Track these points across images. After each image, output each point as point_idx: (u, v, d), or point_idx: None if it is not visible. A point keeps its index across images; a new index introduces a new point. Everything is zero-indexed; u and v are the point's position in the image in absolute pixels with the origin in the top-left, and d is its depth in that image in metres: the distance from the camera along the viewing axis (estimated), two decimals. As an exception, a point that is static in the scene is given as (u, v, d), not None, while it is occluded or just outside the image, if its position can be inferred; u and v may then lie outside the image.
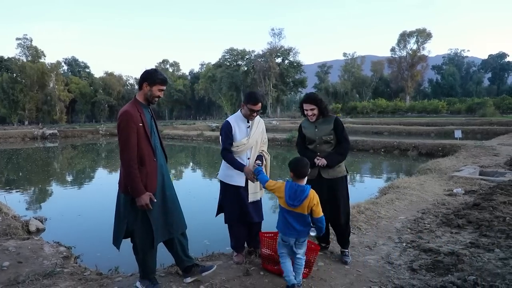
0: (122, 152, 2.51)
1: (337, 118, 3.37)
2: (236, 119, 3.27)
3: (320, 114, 3.29)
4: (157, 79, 2.62)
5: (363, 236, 4.00)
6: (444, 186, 6.46)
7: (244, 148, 3.17)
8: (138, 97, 2.67)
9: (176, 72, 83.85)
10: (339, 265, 3.24)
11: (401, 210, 4.97)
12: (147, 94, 2.65)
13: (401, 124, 30.72)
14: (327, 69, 78.76)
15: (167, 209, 2.73)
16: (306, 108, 3.28)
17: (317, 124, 3.32)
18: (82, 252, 4.05)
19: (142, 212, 2.57)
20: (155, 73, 2.63)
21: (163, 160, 2.81)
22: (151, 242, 2.62)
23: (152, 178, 2.59)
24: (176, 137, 28.12)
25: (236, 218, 3.21)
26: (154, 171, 2.62)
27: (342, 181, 3.32)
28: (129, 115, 2.51)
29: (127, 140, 2.48)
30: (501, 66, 77.24)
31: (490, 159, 9.21)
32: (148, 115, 2.68)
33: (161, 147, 2.80)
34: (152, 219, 2.60)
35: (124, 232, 2.60)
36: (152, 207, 2.56)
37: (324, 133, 3.26)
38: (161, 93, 2.67)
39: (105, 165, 15.12)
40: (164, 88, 2.66)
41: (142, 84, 2.64)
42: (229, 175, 3.20)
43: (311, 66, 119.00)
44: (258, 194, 3.26)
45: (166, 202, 2.74)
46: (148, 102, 2.69)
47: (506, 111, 46.49)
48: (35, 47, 57.91)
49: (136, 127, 2.52)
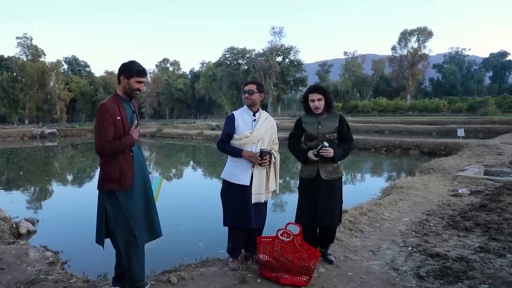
0: (98, 144, 2.38)
1: (342, 115, 3.20)
2: (241, 111, 3.15)
3: (326, 107, 3.10)
4: (134, 71, 2.47)
5: (366, 239, 3.82)
6: (449, 186, 6.27)
7: (247, 142, 2.99)
8: (118, 91, 2.54)
9: (177, 71, 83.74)
10: (342, 271, 3.05)
11: (405, 212, 4.78)
12: (126, 87, 2.50)
13: (402, 123, 30.54)
14: (327, 68, 78.55)
15: (150, 209, 2.60)
16: (313, 98, 3.06)
17: (320, 120, 3.10)
18: (70, 257, 3.84)
19: (122, 210, 2.42)
20: (131, 65, 2.48)
21: (141, 157, 2.66)
22: (135, 243, 2.46)
23: (127, 173, 2.44)
24: (176, 136, 27.94)
25: (237, 220, 3.02)
26: (129, 166, 2.47)
27: (339, 183, 3.16)
28: (106, 108, 2.39)
29: (104, 133, 2.35)
30: (502, 64, 77.00)
31: (494, 159, 9.02)
32: (129, 109, 2.54)
33: (139, 145, 2.67)
34: (133, 217, 2.46)
35: (104, 231, 2.46)
36: None
37: (328, 130, 3.06)
38: (140, 85, 2.51)
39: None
40: (142, 80, 2.51)
41: (119, 77, 2.49)
42: (234, 174, 3.03)
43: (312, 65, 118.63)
44: (263, 196, 3.04)
45: (149, 202, 2.60)
46: (129, 95, 2.55)
47: (507, 109, 46.29)
48: (35, 46, 57.74)
49: (113, 120, 2.39)
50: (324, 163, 3.05)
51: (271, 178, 3.09)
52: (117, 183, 2.41)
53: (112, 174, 2.41)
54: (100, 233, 2.48)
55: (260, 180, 3.01)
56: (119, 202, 2.42)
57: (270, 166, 3.09)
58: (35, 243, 4.09)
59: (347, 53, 74.27)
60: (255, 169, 2.98)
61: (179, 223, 5.62)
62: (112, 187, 2.41)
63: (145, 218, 2.58)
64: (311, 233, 3.24)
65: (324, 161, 3.04)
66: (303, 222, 3.12)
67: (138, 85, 2.49)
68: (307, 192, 3.13)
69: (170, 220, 5.84)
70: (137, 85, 2.49)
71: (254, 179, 2.98)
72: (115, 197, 2.42)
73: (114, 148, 2.38)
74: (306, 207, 3.12)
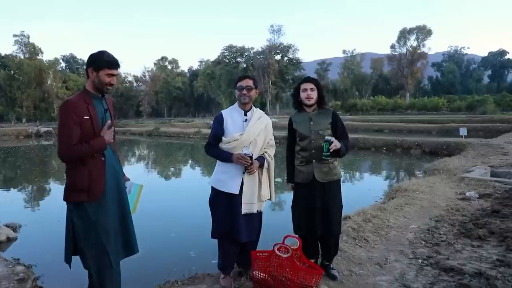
0: (61, 148, 2.04)
1: (335, 111, 2.94)
2: (231, 110, 2.79)
3: (318, 101, 2.85)
4: (103, 63, 2.12)
5: (371, 250, 3.50)
6: (456, 189, 5.96)
7: (237, 145, 2.62)
8: (87, 87, 2.19)
9: (175, 69, 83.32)
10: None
11: (412, 218, 4.46)
12: (95, 82, 2.15)
13: (402, 121, 30.20)
14: (326, 66, 78.12)
15: (125, 222, 2.27)
16: (305, 87, 2.82)
17: (312, 116, 2.85)
18: (46, 271, 3.50)
19: (92, 224, 2.09)
20: (100, 56, 2.14)
21: (116, 163, 2.32)
22: (108, 262, 2.13)
23: (97, 181, 2.11)
24: (173, 135, 27.59)
25: (225, 232, 2.68)
26: (100, 172, 2.14)
27: (337, 186, 2.87)
28: (71, 105, 2.05)
29: (68, 135, 2.02)
30: (501, 63, 76.79)
31: (500, 159, 8.71)
32: (100, 107, 2.20)
33: (114, 148, 2.33)
34: (106, 232, 2.13)
35: (71, 248, 2.13)
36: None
37: (321, 127, 2.80)
38: (111, 79, 2.16)
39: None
40: (114, 72, 2.16)
41: (87, 70, 2.15)
42: (222, 181, 2.67)
43: (311, 63, 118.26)
44: (254, 206, 2.68)
45: (125, 214, 2.27)
46: (100, 91, 2.20)
47: (506, 108, 46.04)
48: (32, 44, 57.26)
49: (80, 120, 2.05)
50: (318, 163, 2.76)
51: (264, 186, 2.73)
52: (85, 193, 2.08)
53: (80, 183, 2.08)
54: (67, 251, 2.15)
55: (251, 188, 2.66)
56: (89, 214, 2.09)
57: (263, 172, 2.74)
58: (10, 254, 3.76)
59: (346, 51, 73.93)
60: (246, 176, 2.64)
61: (171, 229, 5.30)
62: (80, 197, 2.08)
63: (120, 233, 2.25)
64: (311, 243, 2.93)
65: (319, 161, 2.75)
66: (301, 232, 2.81)
67: (109, 79, 2.15)
68: (303, 199, 2.83)
69: (161, 226, 5.55)
70: (108, 79, 2.14)
71: (244, 187, 2.63)
72: (83, 209, 2.09)
73: (81, 152, 2.04)
74: (303, 215, 2.82)
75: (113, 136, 2.27)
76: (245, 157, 2.56)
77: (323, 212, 2.75)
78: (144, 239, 4.66)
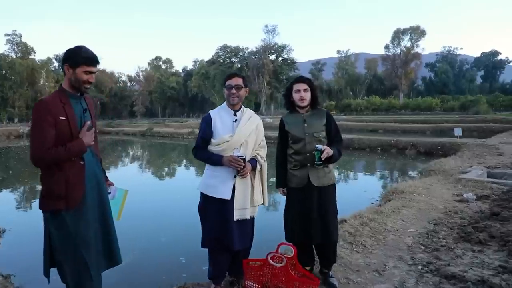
0: (34, 152, 1.86)
1: (329, 112, 2.79)
2: (220, 110, 2.62)
3: (311, 102, 2.70)
4: (80, 59, 1.94)
5: (369, 255, 3.36)
6: (453, 190, 5.86)
7: (227, 147, 2.46)
8: (64, 85, 2.02)
9: (169, 69, 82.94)
10: (343, 298, 2.59)
11: (410, 221, 4.34)
12: (72, 80, 1.98)
13: (396, 121, 30.24)
14: (321, 66, 78.22)
15: (107, 231, 2.11)
16: (299, 88, 2.66)
17: (306, 118, 2.68)
18: (27, 280, 3.32)
19: (71, 235, 1.93)
20: (77, 51, 1.96)
21: (97, 167, 2.15)
22: (87, 275, 1.96)
23: (76, 187, 1.94)
24: (167, 135, 27.38)
25: (217, 241, 2.50)
26: (79, 178, 1.97)
27: (333, 191, 2.73)
28: (44, 105, 1.88)
29: (42, 138, 1.85)
30: (493, 64, 77.43)
31: (495, 159, 8.66)
32: (78, 107, 2.02)
33: (94, 150, 2.15)
34: (85, 243, 1.96)
35: (49, 260, 1.97)
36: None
37: (316, 129, 2.65)
38: (89, 76, 1.99)
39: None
40: (93, 69, 1.99)
41: (63, 67, 1.98)
42: (212, 186, 2.50)
43: (305, 63, 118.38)
44: (247, 212, 2.53)
45: (107, 222, 2.11)
46: (78, 90, 2.03)
47: (499, 109, 46.39)
48: (24, 43, 56.61)
49: (55, 120, 1.88)
50: (313, 167, 2.61)
51: (257, 190, 2.58)
52: (63, 201, 1.91)
53: (56, 190, 1.91)
54: (45, 263, 1.98)
55: (244, 192, 2.51)
56: (67, 224, 1.92)
57: (255, 176, 2.58)
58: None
59: (340, 51, 74.10)
60: (238, 179, 2.48)
61: (162, 233, 5.14)
62: (57, 205, 1.91)
63: (102, 243, 2.08)
64: (307, 250, 2.78)
65: (314, 165, 2.60)
66: (296, 240, 2.66)
67: (87, 77, 1.97)
68: (298, 204, 2.68)
69: (152, 229, 5.38)
70: (86, 77, 1.97)
71: (236, 191, 2.47)
72: (61, 218, 1.92)
73: (57, 157, 1.87)
74: (298, 221, 2.66)
75: (94, 138, 2.09)
76: (238, 160, 2.41)
77: (320, 218, 2.61)
78: (133, 244, 4.53)
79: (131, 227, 5.20)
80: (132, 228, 5.15)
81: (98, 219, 2.08)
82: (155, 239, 4.88)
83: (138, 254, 4.19)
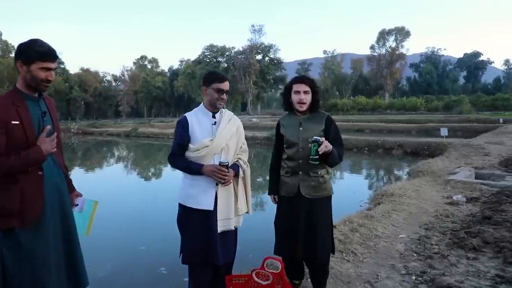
0: None
1: (330, 116, 2.49)
2: (197, 112, 2.38)
3: (311, 106, 2.44)
4: (35, 54, 1.69)
5: (360, 264, 3.19)
6: (442, 192, 5.77)
7: (207, 153, 2.23)
8: (18, 85, 1.77)
9: (155, 68, 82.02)
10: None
11: (401, 226, 4.20)
12: (27, 78, 1.73)
13: (382, 121, 30.48)
14: (307, 66, 78.59)
15: (71, 250, 1.87)
16: (299, 89, 2.36)
17: (302, 121, 2.43)
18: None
19: (27, 256, 1.68)
20: (31, 45, 1.71)
21: (59, 177, 1.90)
22: None
23: (33, 201, 1.70)
24: (152, 135, 26.92)
25: (199, 256, 2.26)
26: (37, 190, 1.72)
27: (327, 204, 2.45)
28: None
29: None
30: (475, 65, 79.12)
31: (482, 160, 8.66)
32: (36, 109, 1.77)
33: (56, 158, 1.90)
34: (44, 265, 1.72)
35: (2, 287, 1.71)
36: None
37: (311, 134, 2.35)
38: (48, 74, 1.74)
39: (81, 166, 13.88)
40: (50, 66, 1.73)
41: (16, 64, 1.73)
42: (192, 196, 2.25)
43: (292, 63, 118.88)
44: (232, 222, 2.30)
45: (71, 240, 1.87)
46: (35, 90, 1.78)
47: (481, 108, 47.32)
48: (5, 41, 55.24)
49: (5, 126, 1.63)
50: (306, 175, 2.37)
51: (241, 198, 2.36)
52: (17, 217, 1.66)
53: (9, 204, 1.65)
54: None
55: (227, 201, 2.29)
56: (21, 244, 1.67)
57: (238, 182, 2.36)
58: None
59: (326, 52, 74.75)
60: (220, 188, 2.26)
61: (141, 241, 4.86)
62: (9, 223, 1.65)
63: (65, 263, 1.83)
64: (296, 264, 2.57)
65: (306, 173, 2.36)
66: (282, 254, 2.45)
67: (44, 74, 1.72)
68: (286, 215, 2.44)
69: (131, 236, 5.12)
70: (43, 74, 1.72)
71: (219, 201, 2.25)
72: (14, 237, 1.67)
73: (8, 166, 1.62)
74: (285, 234, 2.43)
75: (56, 144, 1.84)
76: (222, 169, 2.18)
77: (308, 232, 2.37)
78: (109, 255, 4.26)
79: (107, 236, 4.94)
80: (107, 238, 4.89)
81: (61, 237, 1.84)
82: (133, 248, 4.62)
83: (115, 266, 3.93)
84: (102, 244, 4.64)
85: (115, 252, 4.41)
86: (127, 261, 4.23)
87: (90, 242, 4.31)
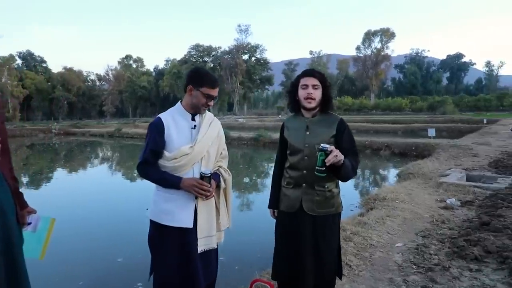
0: None
1: (343, 120, 2.10)
2: (173, 113, 2.03)
3: (321, 104, 2.07)
4: None
5: (356, 279, 2.93)
6: (435, 196, 5.58)
7: (187, 162, 1.92)
8: None
9: (140, 68, 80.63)
10: None
11: (396, 233, 3.96)
12: None
13: (368, 122, 30.58)
14: (293, 66, 78.61)
15: (14, 274, 1.53)
16: (307, 83, 2.00)
17: (309, 124, 2.06)
18: None
19: None
20: None
21: (2, 190, 1.55)
22: None
23: None
24: (136, 136, 26.29)
25: (177, 279, 1.94)
26: None
27: (333, 222, 2.10)
28: None
29: None
30: (458, 66, 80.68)
31: (471, 161, 8.56)
32: None
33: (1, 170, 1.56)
34: None
35: None
36: None
37: (320, 139, 1.98)
38: None
39: (62, 169, 13.32)
40: None
41: None
42: (167, 212, 1.94)
43: (278, 63, 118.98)
44: (214, 239, 2.01)
45: (14, 263, 1.53)
46: None
47: (464, 109, 48.18)
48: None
49: None
50: (310, 188, 2.02)
51: (223, 212, 2.07)
52: None
53: None
54: None
55: (208, 217, 1.98)
56: None
57: (219, 194, 2.07)
58: None
59: (312, 52, 74.99)
60: (200, 201, 1.95)
61: (119, 252, 4.50)
62: None
63: None
64: None
65: (311, 185, 2.01)
66: (280, 279, 2.15)
67: None
68: (286, 233, 2.11)
69: (108, 246, 4.75)
70: None
71: (199, 216, 1.94)
72: None
73: None
74: (284, 256, 2.11)
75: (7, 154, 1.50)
76: (203, 182, 1.87)
77: (314, 255, 2.02)
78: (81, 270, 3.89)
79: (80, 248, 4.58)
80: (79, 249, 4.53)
81: (3, 262, 1.50)
82: (110, 260, 4.25)
83: (87, 283, 3.58)
84: (74, 256, 4.28)
85: (89, 266, 4.04)
86: (102, 277, 3.87)
87: (61, 253, 3.93)
